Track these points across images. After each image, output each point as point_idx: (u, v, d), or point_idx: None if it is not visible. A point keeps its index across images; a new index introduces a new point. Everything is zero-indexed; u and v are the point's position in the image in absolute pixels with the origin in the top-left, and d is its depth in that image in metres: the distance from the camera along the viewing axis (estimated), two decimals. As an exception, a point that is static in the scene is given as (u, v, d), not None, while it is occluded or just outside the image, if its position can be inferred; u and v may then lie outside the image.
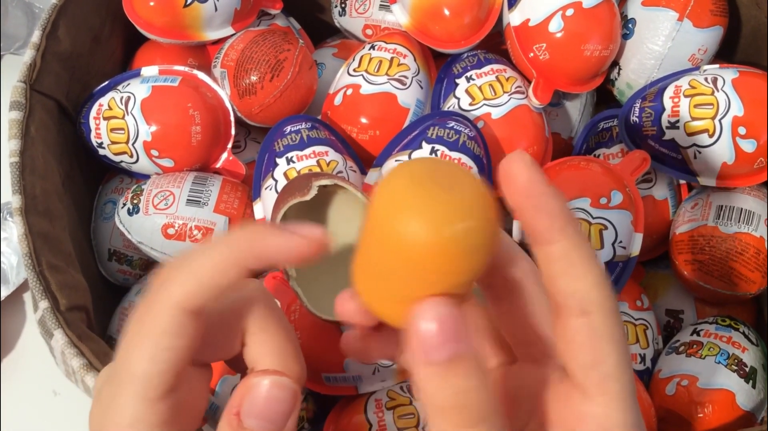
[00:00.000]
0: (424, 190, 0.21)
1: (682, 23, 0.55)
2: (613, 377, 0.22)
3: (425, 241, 0.21)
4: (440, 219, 0.21)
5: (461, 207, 0.21)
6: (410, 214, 0.21)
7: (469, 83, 0.56)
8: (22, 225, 0.44)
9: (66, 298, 0.43)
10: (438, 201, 0.21)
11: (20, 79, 0.49)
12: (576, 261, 0.22)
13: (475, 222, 0.21)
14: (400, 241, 0.21)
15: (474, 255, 0.21)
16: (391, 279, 0.22)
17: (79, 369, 0.41)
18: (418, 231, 0.21)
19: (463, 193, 0.21)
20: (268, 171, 0.52)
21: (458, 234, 0.21)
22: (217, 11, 0.57)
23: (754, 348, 0.50)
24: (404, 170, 0.22)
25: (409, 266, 0.21)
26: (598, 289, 0.22)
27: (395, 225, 0.21)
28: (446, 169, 0.22)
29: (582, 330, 0.22)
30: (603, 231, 0.50)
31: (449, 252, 0.21)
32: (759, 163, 0.51)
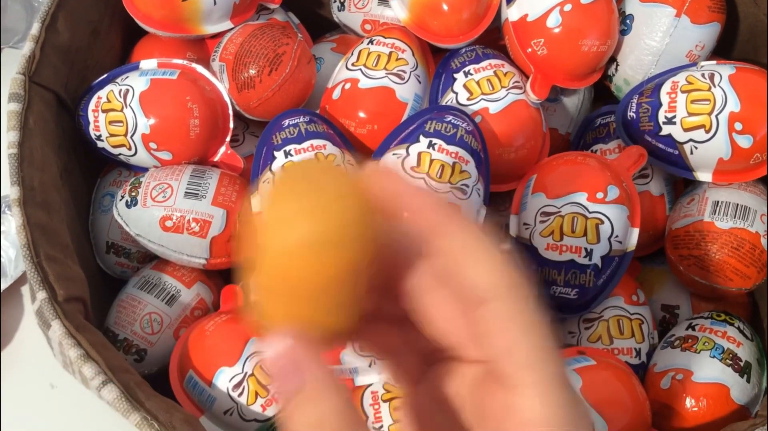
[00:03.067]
0: (290, 193, 0.21)
1: (680, 19, 0.55)
2: (529, 365, 0.21)
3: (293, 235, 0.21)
4: (306, 213, 0.21)
5: (326, 200, 0.21)
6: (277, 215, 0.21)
7: (467, 78, 0.56)
8: (20, 216, 0.45)
9: (63, 289, 0.44)
10: (291, 204, 0.21)
11: (19, 71, 0.49)
12: (468, 249, 0.22)
13: (341, 214, 0.21)
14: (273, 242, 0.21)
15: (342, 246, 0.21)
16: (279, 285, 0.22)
17: (77, 359, 0.41)
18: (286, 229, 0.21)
19: (318, 192, 0.21)
20: (266, 164, 0.52)
21: (324, 225, 0.21)
22: (216, 5, 0.57)
23: (748, 343, 0.50)
24: (277, 175, 0.23)
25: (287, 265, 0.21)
26: (494, 275, 0.22)
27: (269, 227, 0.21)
28: (314, 172, 0.22)
29: (489, 317, 0.22)
30: (599, 225, 0.50)
31: (317, 240, 0.21)
32: (755, 159, 0.51)
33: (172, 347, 0.52)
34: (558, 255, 0.50)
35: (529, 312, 0.22)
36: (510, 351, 0.22)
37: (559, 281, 0.51)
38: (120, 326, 0.52)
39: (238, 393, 0.48)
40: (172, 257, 0.53)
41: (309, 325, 0.22)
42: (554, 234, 0.50)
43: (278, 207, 0.21)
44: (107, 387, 0.40)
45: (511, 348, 0.22)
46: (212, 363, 0.49)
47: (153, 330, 0.52)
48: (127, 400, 0.40)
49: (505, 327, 0.22)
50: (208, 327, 0.50)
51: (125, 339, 0.52)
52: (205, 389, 0.48)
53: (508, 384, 0.22)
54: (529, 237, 0.52)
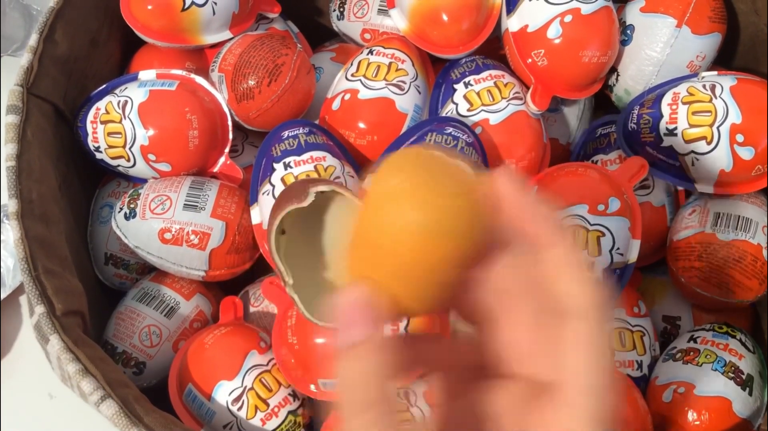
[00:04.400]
0: (416, 171, 0.22)
1: (681, 30, 0.55)
2: (597, 387, 0.22)
3: (407, 216, 0.22)
4: (426, 198, 0.22)
5: (448, 193, 0.22)
6: (401, 190, 0.22)
7: (467, 89, 0.56)
8: (19, 229, 0.44)
9: (62, 303, 0.43)
10: (428, 183, 0.22)
11: (17, 83, 0.49)
12: (574, 266, 0.23)
13: (457, 210, 0.22)
14: (387, 214, 0.22)
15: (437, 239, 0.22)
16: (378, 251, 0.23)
17: (75, 374, 0.41)
18: (403, 206, 0.22)
19: (452, 182, 0.22)
20: (266, 176, 0.52)
21: (439, 216, 0.22)
22: (215, 15, 0.57)
23: (750, 356, 0.50)
24: (406, 152, 0.23)
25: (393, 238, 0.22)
26: (586, 293, 0.22)
27: (386, 197, 0.22)
28: (439, 160, 0.23)
29: (578, 334, 0.22)
30: (600, 238, 0.50)
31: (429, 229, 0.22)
32: (757, 171, 0.51)
33: (171, 359, 0.52)
34: (559, 268, 0.50)
35: (605, 338, 0.22)
36: (579, 372, 0.22)
37: (560, 294, 0.50)
38: (119, 338, 0.52)
39: (238, 407, 0.48)
40: (171, 269, 0.52)
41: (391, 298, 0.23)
42: (555, 247, 0.50)
43: (411, 179, 0.22)
44: (106, 403, 0.40)
45: (582, 369, 0.22)
46: (211, 377, 0.48)
47: (152, 342, 0.52)
48: (125, 416, 0.40)
49: (584, 347, 0.22)
50: (208, 340, 0.50)
51: (124, 351, 0.52)
52: (205, 403, 0.48)
53: (559, 402, 0.22)
54: (529, 249, 0.52)
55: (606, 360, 0.22)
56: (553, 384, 0.23)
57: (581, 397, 0.22)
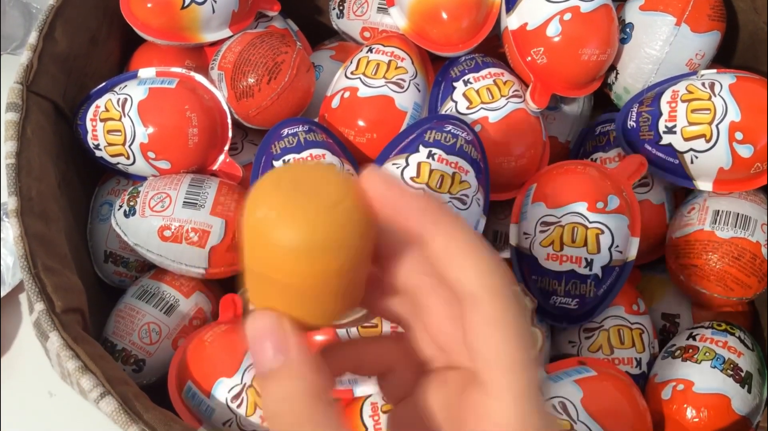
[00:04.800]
0: (281, 193, 0.22)
1: (680, 28, 0.55)
2: (509, 370, 0.22)
3: (282, 242, 0.21)
4: (295, 220, 0.21)
5: (317, 207, 0.21)
6: (267, 217, 0.22)
7: (466, 87, 0.56)
8: (18, 227, 0.44)
9: (61, 300, 0.43)
10: (295, 203, 0.22)
11: (17, 81, 0.49)
12: (457, 251, 0.22)
13: (332, 222, 0.21)
14: (262, 245, 0.22)
15: (322, 257, 0.21)
16: (266, 282, 0.23)
17: (75, 371, 0.41)
18: (275, 234, 0.21)
19: (317, 197, 0.22)
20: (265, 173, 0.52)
21: (314, 234, 0.21)
22: (214, 13, 0.57)
23: (749, 353, 0.50)
24: (269, 175, 0.23)
25: (275, 268, 0.22)
26: (483, 275, 0.22)
27: (256, 228, 0.22)
28: (309, 173, 0.23)
29: (476, 320, 0.22)
30: (600, 235, 0.50)
31: (307, 250, 0.21)
32: (756, 168, 0.51)
33: (170, 357, 0.52)
34: (558, 266, 0.50)
35: (513, 316, 0.22)
36: (492, 355, 0.22)
37: (560, 291, 0.50)
38: (118, 336, 0.52)
39: (237, 404, 0.48)
40: (171, 267, 0.52)
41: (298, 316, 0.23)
42: (554, 245, 0.50)
43: (281, 204, 0.22)
44: (105, 399, 0.40)
45: (494, 351, 0.22)
46: (211, 374, 0.48)
47: (151, 340, 0.52)
48: (125, 412, 0.40)
49: (490, 330, 0.22)
50: (207, 337, 0.50)
51: (123, 349, 0.52)
52: (204, 400, 0.48)
53: (485, 388, 0.22)
54: (529, 246, 0.52)
55: (515, 340, 0.22)
56: (475, 371, 0.23)
57: (498, 379, 0.22)
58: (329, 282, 0.22)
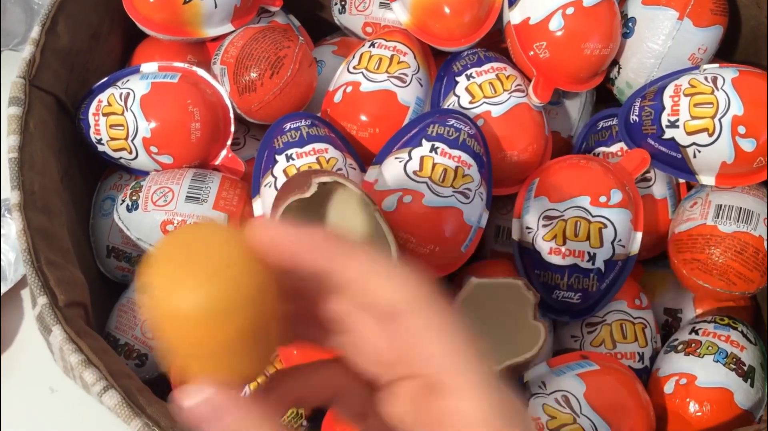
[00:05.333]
0: (169, 264, 0.22)
1: (683, 22, 0.55)
2: (456, 370, 0.22)
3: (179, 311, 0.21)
4: (187, 296, 0.21)
5: (203, 277, 0.21)
6: (160, 292, 0.22)
7: (469, 81, 0.56)
8: (21, 221, 0.44)
9: (64, 294, 0.43)
10: (185, 275, 0.21)
11: (19, 75, 0.49)
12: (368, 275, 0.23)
13: (215, 292, 0.21)
14: (161, 318, 0.22)
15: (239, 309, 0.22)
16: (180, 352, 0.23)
17: (77, 365, 0.41)
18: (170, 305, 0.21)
19: (208, 261, 0.22)
20: (268, 168, 0.52)
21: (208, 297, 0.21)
22: (216, 8, 0.57)
23: (752, 347, 0.50)
24: (161, 248, 0.23)
25: (180, 338, 0.22)
26: (401, 290, 0.23)
27: (154, 304, 0.22)
28: (201, 237, 0.23)
29: (404, 333, 0.23)
30: (602, 229, 0.50)
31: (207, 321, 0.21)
32: (758, 163, 0.51)
33: (173, 352, 0.52)
34: (561, 260, 0.50)
35: (444, 319, 0.23)
36: (434, 360, 0.23)
37: (562, 285, 0.50)
38: (121, 330, 0.52)
39: (240, 399, 0.47)
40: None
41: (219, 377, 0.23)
42: (557, 239, 0.50)
43: (169, 274, 0.22)
44: (108, 393, 0.40)
45: (434, 356, 0.23)
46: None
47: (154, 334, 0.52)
48: (128, 406, 0.40)
49: (424, 337, 0.23)
50: (210, 331, 0.50)
51: (126, 343, 0.52)
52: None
53: (442, 391, 0.23)
54: (531, 241, 0.52)
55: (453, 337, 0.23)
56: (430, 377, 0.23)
57: (455, 381, 0.22)
58: (241, 340, 0.22)
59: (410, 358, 0.23)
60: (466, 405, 0.22)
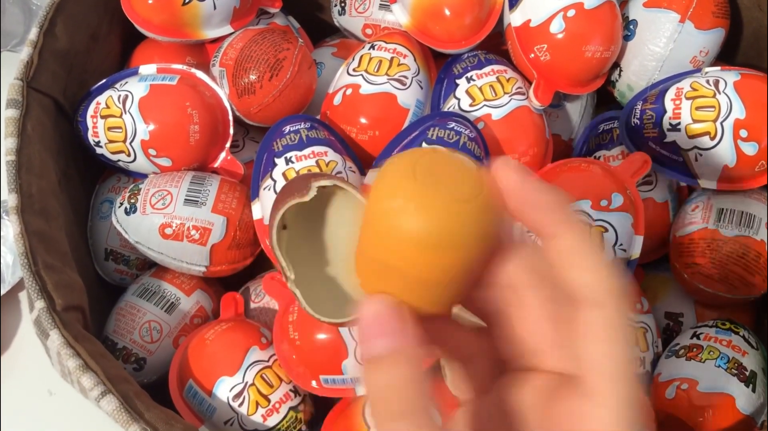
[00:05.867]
0: (417, 183, 0.21)
1: (684, 25, 0.55)
2: (621, 377, 0.22)
3: (412, 233, 0.21)
4: (429, 212, 0.21)
5: (452, 201, 0.21)
6: (401, 207, 0.21)
7: (469, 84, 0.56)
8: (18, 224, 0.44)
9: (62, 298, 0.43)
10: (430, 194, 0.21)
11: (17, 77, 0.49)
12: (585, 251, 0.22)
13: (465, 217, 0.21)
14: (391, 233, 0.22)
15: (453, 252, 0.21)
16: (386, 269, 0.22)
17: (75, 369, 0.40)
18: (407, 224, 0.21)
19: (452, 190, 0.21)
20: (267, 171, 0.52)
21: (447, 228, 0.21)
22: (215, 9, 0.57)
23: (754, 352, 0.50)
24: (402, 160, 0.22)
25: (400, 257, 0.22)
26: (610, 279, 0.22)
27: (387, 216, 0.22)
28: (446, 163, 0.22)
29: (596, 323, 0.22)
30: (603, 233, 0.50)
31: (438, 244, 0.21)
32: (760, 166, 0.51)
33: (171, 355, 0.52)
34: (562, 264, 0.50)
35: (626, 324, 0.22)
36: (600, 360, 0.22)
37: (563, 289, 0.50)
38: (119, 334, 0.52)
39: (239, 403, 0.47)
40: (172, 264, 0.52)
41: (409, 305, 0.23)
42: (558, 243, 0.50)
43: (411, 197, 0.21)
44: (106, 398, 0.40)
45: (602, 357, 0.22)
46: (212, 373, 0.48)
47: (152, 338, 0.52)
48: (126, 411, 0.39)
49: (602, 335, 0.22)
50: (208, 335, 0.50)
51: (124, 347, 0.51)
52: (205, 399, 0.48)
53: (585, 392, 0.22)
54: (532, 244, 0.51)
55: (627, 349, 0.22)
56: (576, 375, 0.22)
57: (605, 385, 0.21)
58: (452, 275, 0.22)
59: (574, 350, 0.22)
60: (603, 412, 0.21)
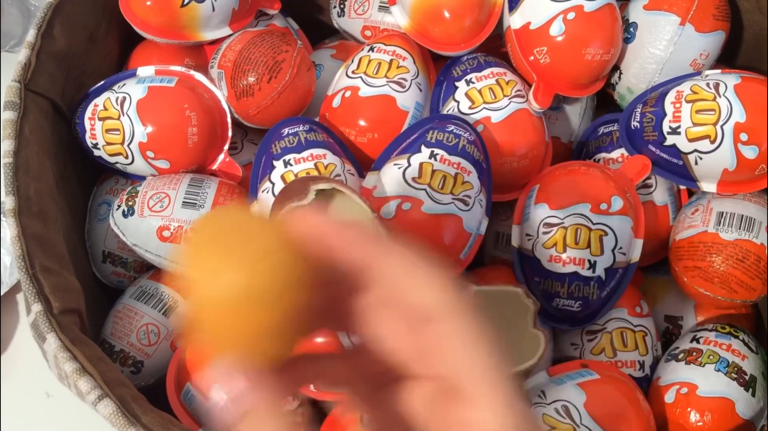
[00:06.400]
0: (210, 249, 0.22)
1: (684, 28, 0.55)
2: (479, 379, 0.23)
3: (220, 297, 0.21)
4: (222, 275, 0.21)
5: (242, 265, 0.22)
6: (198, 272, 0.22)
7: (468, 86, 0.55)
8: (16, 227, 0.44)
9: (59, 301, 0.43)
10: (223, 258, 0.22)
11: (15, 79, 0.49)
12: (406, 276, 0.23)
13: (253, 280, 0.21)
14: (200, 298, 0.22)
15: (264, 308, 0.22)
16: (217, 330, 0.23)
17: (72, 373, 0.40)
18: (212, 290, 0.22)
19: (248, 249, 0.22)
20: (265, 173, 0.52)
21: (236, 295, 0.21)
22: (214, 11, 0.57)
23: (753, 356, 0.50)
24: (202, 230, 0.23)
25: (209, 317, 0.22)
26: (436, 296, 0.23)
27: (197, 287, 0.22)
28: (243, 223, 0.23)
29: (449, 335, 0.23)
30: (603, 237, 0.50)
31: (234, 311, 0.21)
32: (760, 170, 0.51)
33: (169, 359, 0.52)
34: (561, 267, 0.50)
35: (473, 328, 0.23)
36: (460, 367, 0.23)
37: (562, 293, 0.50)
38: (116, 337, 0.52)
39: (237, 407, 0.47)
40: (170, 267, 0.52)
41: (247, 361, 0.23)
42: (557, 246, 0.50)
43: (211, 259, 0.22)
44: (103, 402, 0.39)
45: (460, 363, 0.23)
46: (210, 376, 0.48)
47: (150, 341, 0.52)
48: (123, 415, 0.39)
49: (453, 344, 0.23)
50: (206, 338, 0.50)
51: (121, 350, 0.51)
52: (203, 402, 0.48)
53: (462, 398, 0.23)
54: (531, 248, 0.51)
55: (487, 354, 0.23)
56: (451, 383, 0.23)
57: (481, 391, 0.22)
58: (276, 326, 0.22)
59: (433, 360, 0.23)
60: (485, 415, 0.22)
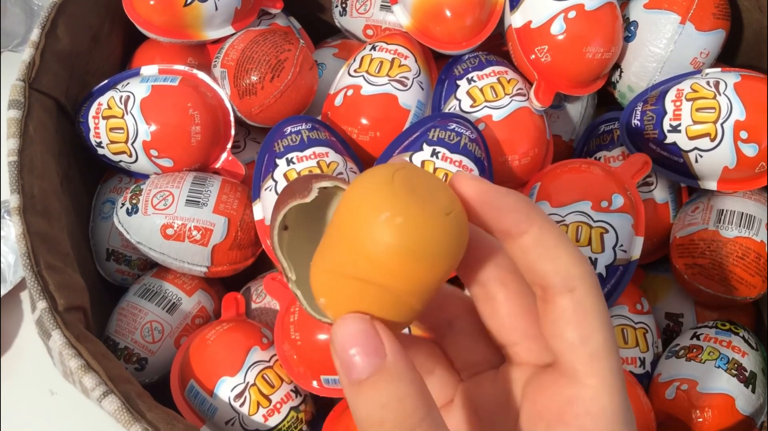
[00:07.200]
0: (398, 196, 0.21)
1: (685, 26, 0.55)
2: (601, 356, 0.22)
3: (402, 247, 0.21)
4: (417, 225, 0.21)
5: (436, 213, 0.21)
6: (388, 220, 0.21)
7: (470, 85, 0.56)
8: (20, 225, 0.44)
9: (64, 298, 0.43)
10: (414, 208, 0.21)
11: (19, 78, 0.49)
12: (550, 243, 0.23)
13: (449, 228, 0.21)
14: (376, 247, 0.21)
15: (435, 265, 0.21)
16: (363, 286, 0.22)
17: (77, 370, 0.40)
18: (396, 237, 0.21)
19: (433, 203, 0.22)
20: (268, 171, 0.52)
21: (434, 240, 0.21)
22: (217, 10, 0.57)
23: (754, 353, 0.50)
24: (378, 174, 0.22)
25: (385, 272, 0.21)
26: (577, 264, 0.22)
27: (371, 230, 0.21)
28: (421, 176, 0.23)
29: (568, 307, 0.22)
30: (604, 234, 0.50)
31: (425, 256, 0.21)
32: (760, 168, 0.51)
33: (173, 356, 0.52)
34: (562, 265, 0.50)
35: (599, 304, 0.22)
36: (585, 339, 0.22)
37: (563, 290, 0.50)
38: (120, 334, 0.52)
39: (240, 403, 0.47)
40: (173, 265, 0.52)
41: (383, 321, 0.23)
42: (558, 244, 0.50)
43: (397, 211, 0.21)
44: (108, 398, 0.40)
45: (588, 335, 0.22)
46: (213, 373, 0.48)
47: (154, 338, 0.52)
48: (128, 411, 0.39)
49: (587, 313, 0.22)
50: (210, 335, 0.50)
51: (126, 347, 0.51)
52: (207, 399, 0.48)
53: (572, 375, 0.22)
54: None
55: (604, 328, 0.22)
56: (555, 363, 0.23)
57: (585, 365, 0.22)
58: (429, 287, 0.22)
59: (554, 336, 0.23)
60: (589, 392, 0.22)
